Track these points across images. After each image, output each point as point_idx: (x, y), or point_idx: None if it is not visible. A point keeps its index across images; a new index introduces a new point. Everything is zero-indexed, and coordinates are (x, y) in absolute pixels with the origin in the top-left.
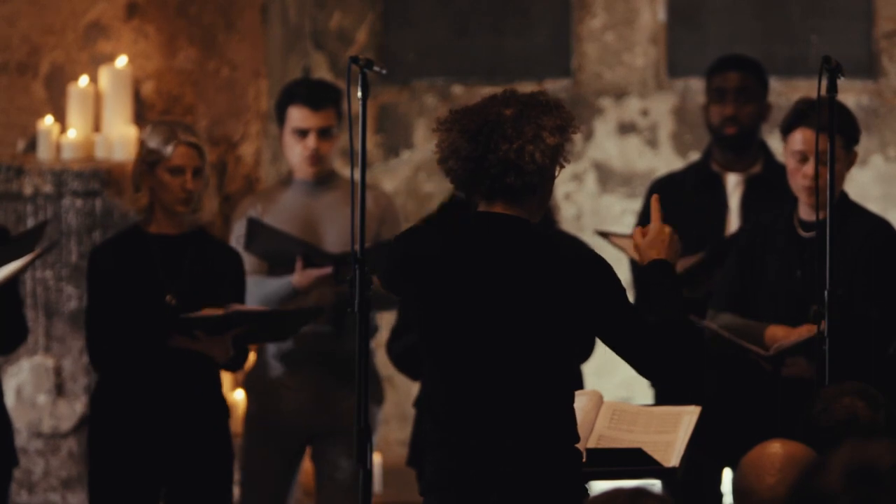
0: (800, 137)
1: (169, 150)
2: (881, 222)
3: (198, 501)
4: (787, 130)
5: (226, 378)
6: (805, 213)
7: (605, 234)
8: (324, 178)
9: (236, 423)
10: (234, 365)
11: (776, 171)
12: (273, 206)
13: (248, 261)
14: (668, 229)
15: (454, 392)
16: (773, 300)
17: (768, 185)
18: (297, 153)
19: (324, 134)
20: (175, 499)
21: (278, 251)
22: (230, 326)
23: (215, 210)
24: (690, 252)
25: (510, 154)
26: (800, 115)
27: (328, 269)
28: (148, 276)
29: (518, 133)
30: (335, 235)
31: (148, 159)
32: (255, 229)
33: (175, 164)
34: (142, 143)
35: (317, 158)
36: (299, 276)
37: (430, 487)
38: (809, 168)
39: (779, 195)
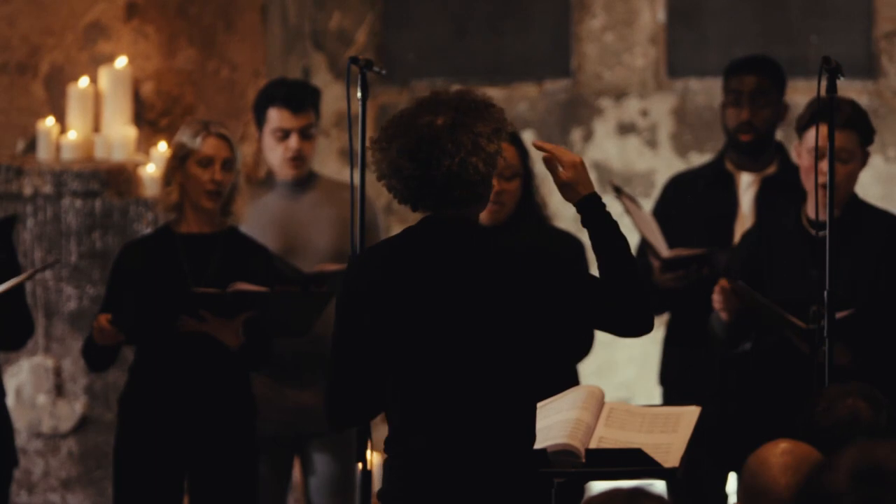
0: (815, 135)
1: (198, 141)
2: (892, 218)
3: (221, 494)
4: (803, 128)
5: None
6: (814, 211)
7: (619, 190)
8: (304, 179)
9: None
10: (251, 358)
11: (791, 172)
12: (252, 207)
13: None
14: (577, 158)
15: (413, 398)
16: (787, 299)
17: (782, 185)
18: (278, 154)
19: (305, 135)
20: (198, 491)
21: None
22: (236, 307)
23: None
24: (694, 246)
25: (453, 168)
26: (817, 113)
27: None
28: (174, 275)
29: (457, 146)
30: (321, 237)
31: (179, 154)
32: None
33: (204, 153)
34: (175, 141)
35: (299, 160)
36: None
37: (387, 495)
38: (824, 165)
39: (793, 196)
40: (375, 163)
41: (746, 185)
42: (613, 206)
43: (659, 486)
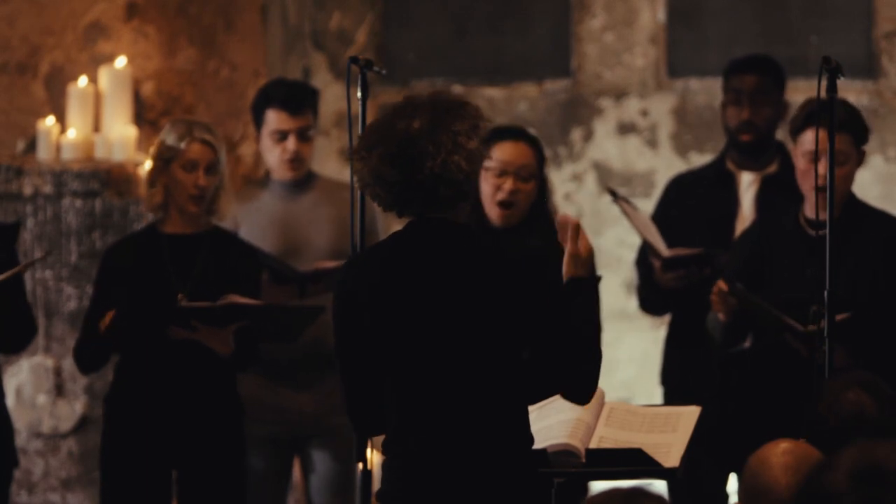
0: (811, 137)
1: (183, 145)
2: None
3: (210, 492)
4: (797, 131)
5: None
6: (811, 212)
7: (615, 194)
8: (302, 180)
9: None
10: (241, 363)
11: (792, 171)
12: (251, 208)
13: None
14: (585, 248)
15: (410, 399)
16: (783, 298)
17: (783, 185)
18: (275, 156)
19: (303, 136)
20: (187, 489)
21: None
22: (227, 319)
23: (233, 212)
24: (696, 246)
25: (436, 169)
26: (811, 116)
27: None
28: (159, 275)
29: (437, 146)
30: (320, 237)
31: (164, 156)
32: None
33: (188, 158)
34: (160, 141)
35: (297, 161)
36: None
37: (386, 495)
38: (822, 167)
39: (793, 195)
40: (357, 173)
41: (747, 185)
42: (612, 210)
43: (659, 486)
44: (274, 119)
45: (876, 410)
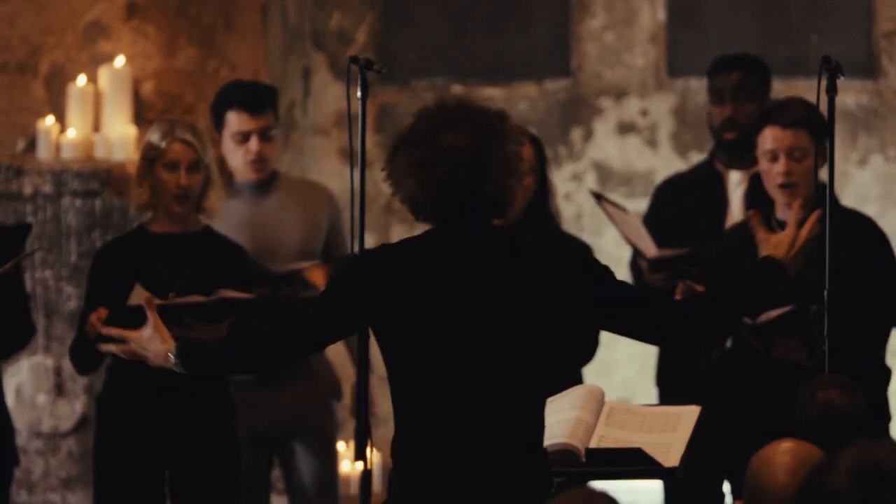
0: (769, 136)
1: (164, 145)
2: (863, 219)
3: (202, 492)
4: (755, 132)
5: None
6: (782, 212)
7: (599, 197)
8: (266, 181)
9: None
10: None
11: None
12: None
13: None
14: (801, 235)
15: (429, 398)
16: None
17: None
18: (238, 157)
19: (265, 136)
20: (180, 489)
21: None
22: (220, 314)
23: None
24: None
25: (491, 192)
26: (765, 115)
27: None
28: (151, 275)
29: (494, 169)
30: (289, 237)
31: (148, 155)
32: None
33: (170, 158)
34: (146, 141)
35: (261, 162)
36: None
37: (398, 493)
38: (782, 165)
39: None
40: (405, 189)
41: (736, 184)
42: (599, 216)
43: (655, 486)
44: (235, 121)
45: (846, 401)
